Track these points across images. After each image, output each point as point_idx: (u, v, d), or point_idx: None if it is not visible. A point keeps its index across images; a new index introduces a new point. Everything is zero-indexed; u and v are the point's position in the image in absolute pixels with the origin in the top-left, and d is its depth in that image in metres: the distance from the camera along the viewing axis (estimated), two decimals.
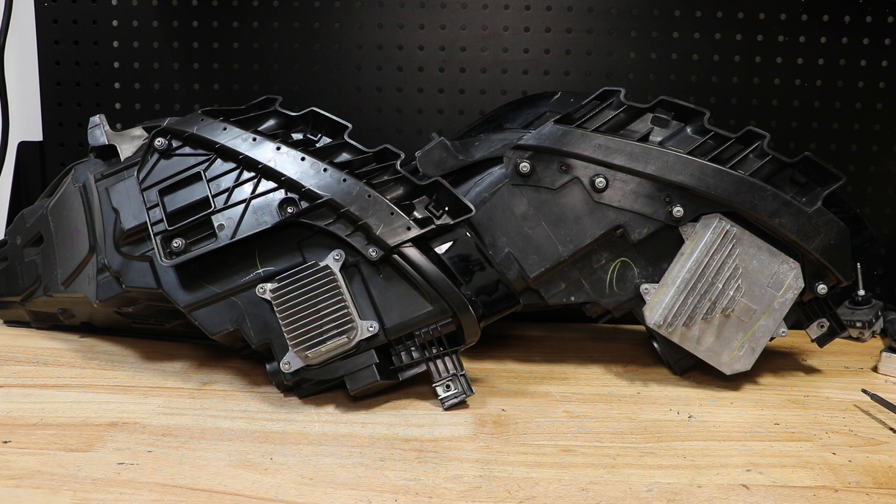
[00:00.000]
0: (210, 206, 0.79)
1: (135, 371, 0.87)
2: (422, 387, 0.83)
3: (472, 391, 0.80)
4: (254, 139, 0.81)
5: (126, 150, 0.89)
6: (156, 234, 0.79)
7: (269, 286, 0.78)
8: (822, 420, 0.78)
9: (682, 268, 0.83)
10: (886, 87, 1.07)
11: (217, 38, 1.10)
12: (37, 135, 1.15)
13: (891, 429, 0.76)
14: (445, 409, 0.78)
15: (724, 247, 0.83)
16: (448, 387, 0.79)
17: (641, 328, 1.04)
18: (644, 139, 0.84)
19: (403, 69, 1.09)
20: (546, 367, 0.92)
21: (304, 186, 0.79)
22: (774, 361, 0.93)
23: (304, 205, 0.79)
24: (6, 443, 0.68)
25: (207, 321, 0.80)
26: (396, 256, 0.78)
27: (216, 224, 0.79)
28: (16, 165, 1.14)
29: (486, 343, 0.92)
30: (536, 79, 1.09)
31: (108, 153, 0.90)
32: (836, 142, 1.08)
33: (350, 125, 0.85)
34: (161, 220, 0.79)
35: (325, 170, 0.80)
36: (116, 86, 1.12)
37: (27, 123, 1.16)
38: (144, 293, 0.82)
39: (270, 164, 0.80)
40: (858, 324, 1.01)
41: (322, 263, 0.79)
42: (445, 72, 1.09)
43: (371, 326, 0.78)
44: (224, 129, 0.81)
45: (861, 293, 1.03)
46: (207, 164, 0.81)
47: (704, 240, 0.83)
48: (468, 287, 0.80)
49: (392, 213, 0.78)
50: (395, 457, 0.68)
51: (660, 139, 0.85)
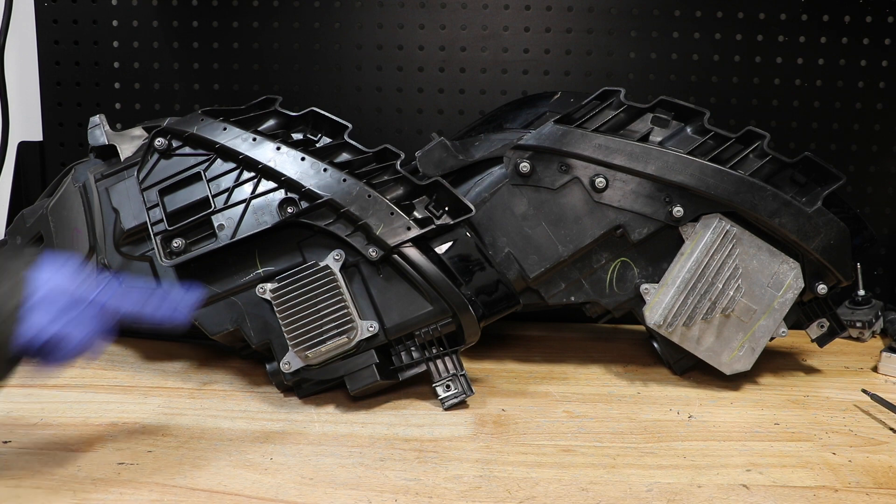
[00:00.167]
0: (210, 206, 0.79)
1: (135, 371, 0.87)
2: (422, 387, 0.83)
3: (472, 391, 0.80)
4: (254, 139, 0.81)
5: (126, 150, 0.89)
6: (156, 234, 0.79)
7: (269, 286, 0.78)
8: (822, 420, 0.78)
9: (682, 268, 0.83)
10: (886, 87, 1.07)
11: (217, 38, 1.10)
12: (37, 135, 1.15)
13: (891, 429, 0.76)
14: (445, 409, 0.78)
15: (724, 247, 0.83)
16: (448, 387, 0.79)
17: (641, 328, 1.04)
18: (644, 139, 0.84)
19: (403, 69, 1.09)
20: (546, 367, 0.92)
21: (304, 186, 0.79)
22: (774, 361, 0.93)
23: (304, 205, 0.79)
24: (6, 443, 0.68)
25: (207, 321, 0.80)
26: (396, 256, 0.78)
27: (216, 224, 0.79)
28: (16, 165, 1.14)
29: (486, 343, 0.92)
30: (536, 79, 1.09)
31: (108, 153, 0.90)
32: (836, 142, 1.08)
33: (350, 125, 0.85)
34: (161, 220, 0.79)
35: (325, 170, 0.80)
36: (116, 86, 1.11)
37: (27, 123, 1.16)
38: None
39: (270, 164, 0.80)
40: (858, 324, 1.01)
41: (322, 263, 0.79)
42: (445, 72, 1.09)
43: (371, 326, 0.78)
44: (224, 129, 0.81)
45: (861, 293, 1.03)
46: (207, 164, 0.81)
47: (704, 240, 0.83)
48: (468, 287, 0.80)
49: (392, 213, 0.78)
50: (395, 457, 0.68)
51: (660, 139, 0.85)
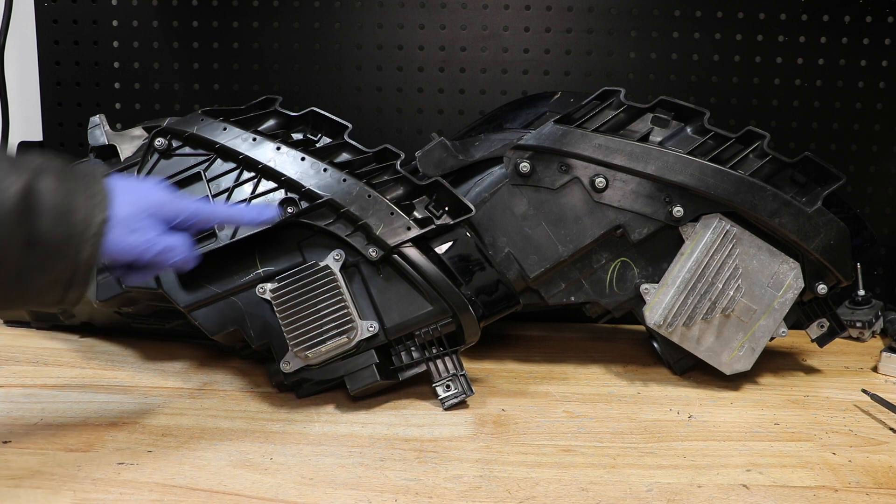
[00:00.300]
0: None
1: (135, 371, 0.87)
2: (422, 387, 0.83)
3: (472, 391, 0.80)
4: (254, 139, 0.81)
5: (126, 150, 0.89)
6: None
7: (269, 286, 0.78)
8: (822, 420, 0.78)
9: (682, 268, 0.83)
10: (886, 87, 1.07)
11: (217, 38, 1.10)
12: (37, 135, 1.14)
13: (891, 429, 0.76)
14: (445, 409, 0.78)
15: (724, 247, 0.83)
16: (448, 387, 0.79)
17: (641, 328, 1.04)
18: (644, 139, 0.84)
19: (403, 69, 1.09)
20: (546, 367, 0.92)
21: (304, 186, 0.79)
22: (774, 361, 0.93)
23: (305, 205, 0.79)
24: (6, 443, 0.68)
25: (207, 321, 0.80)
26: (396, 256, 0.78)
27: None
28: None
29: (486, 343, 0.92)
30: (536, 79, 1.09)
31: (108, 153, 0.90)
32: (836, 142, 1.08)
33: (350, 125, 0.85)
34: None
35: (325, 170, 0.80)
36: (116, 86, 1.11)
37: (27, 123, 1.16)
38: (144, 293, 0.82)
39: (270, 164, 0.80)
40: (858, 324, 1.01)
41: (322, 263, 0.79)
42: (445, 72, 1.09)
43: (371, 326, 0.78)
44: (224, 129, 0.81)
45: (861, 293, 1.03)
46: (207, 164, 0.81)
47: (704, 240, 0.83)
48: (468, 287, 0.80)
49: (392, 213, 0.78)
50: (395, 457, 0.68)
51: (660, 139, 0.85)
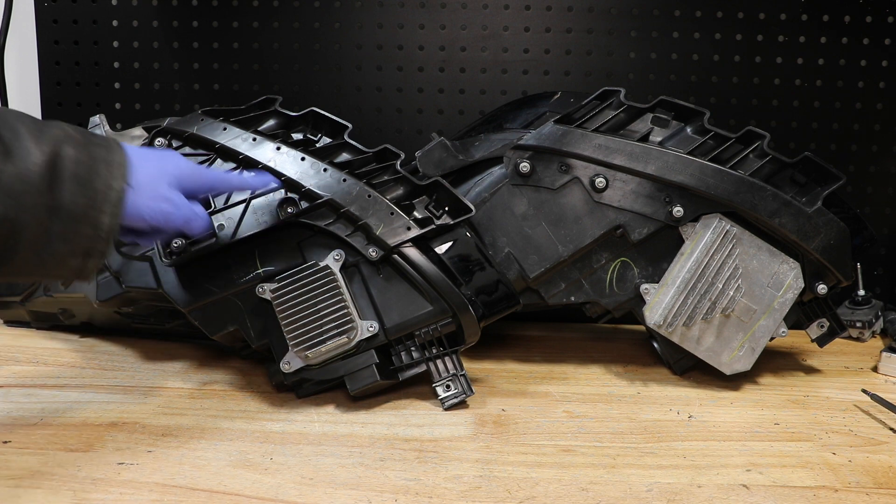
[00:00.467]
0: (210, 206, 0.79)
1: (135, 371, 0.87)
2: (422, 387, 0.83)
3: (472, 391, 0.79)
4: (254, 139, 0.81)
5: None
6: None
7: (269, 286, 0.78)
8: (822, 420, 0.78)
9: (682, 268, 0.83)
10: (886, 87, 1.07)
11: (217, 38, 1.10)
12: None
13: (891, 429, 0.76)
14: (445, 409, 0.78)
15: (724, 247, 0.83)
16: (448, 387, 0.79)
17: (641, 328, 1.04)
18: (644, 139, 0.84)
19: (403, 69, 1.09)
20: (546, 367, 0.92)
21: (305, 186, 0.79)
22: (774, 361, 0.93)
23: (305, 205, 0.79)
24: (6, 443, 0.68)
25: (207, 321, 0.80)
26: (396, 256, 0.78)
27: (216, 224, 0.78)
28: None
29: (486, 343, 0.92)
30: (536, 79, 1.09)
31: None
32: (836, 142, 1.08)
33: (350, 125, 0.85)
34: None
35: (325, 170, 0.80)
36: (116, 86, 1.11)
37: None
38: (144, 293, 0.82)
39: (270, 164, 0.80)
40: (858, 324, 1.01)
41: (322, 263, 0.79)
42: (445, 72, 1.09)
43: (371, 326, 0.78)
44: (224, 129, 0.81)
45: (861, 293, 1.03)
46: (207, 164, 0.81)
47: (704, 240, 0.83)
48: (468, 287, 0.80)
49: (392, 213, 0.78)
50: (395, 457, 0.68)
51: (660, 139, 0.85)
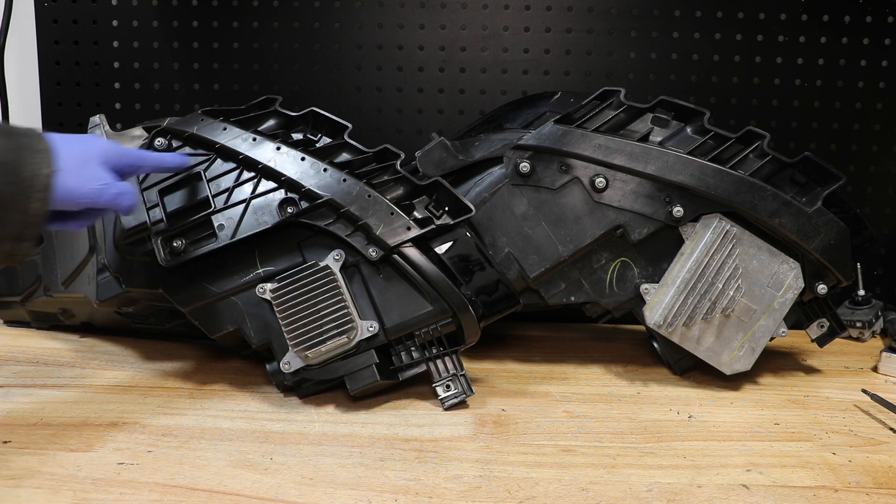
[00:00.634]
0: (210, 206, 0.79)
1: (135, 371, 0.87)
2: (422, 387, 0.83)
3: (472, 391, 0.79)
4: (254, 139, 0.81)
5: None
6: (156, 235, 0.79)
7: (269, 286, 0.78)
8: (822, 420, 0.78)
9: (682, 268, 0.83)
10: (886, 87, 1.07)
11: (217, 38, 1.10)
12: None
13: (891, 429, 0.76)
14: (445, 409, 0.78)
15: (724, 247, 0.83)
16: (448, 387, 0.79)
17: (641, 328, 1.04)
18: (644, 139, 0.84)
19: (403, 69, 1.09)
20: (546, 367, 0.92)
21: (304, 186, 0.79)
22: (774, 361, 0.93)
23: (304, 205, 0.79)
24: (6, 443, 0.68)
25: (207, 321, 0.80)
26: (396, 256, 0.78)
27: (216, 224, 0.78)
28: None
29: (486, 343, 0.92)
30: (536, 79, 1.09)
31: None
32: (836, 142, 1.08)
33: (350, 125, 0.85)
34: (161, 220, 0.79)
35: (325, 170, 0.80)
36: (116, 86, 1.11)
37: (27, 123, 1.16)
38: (144, 293, 0.82)
39: (270, 164, 0.80)
40: (858, 324, 1.01)
41: (322, 263, 0.79)
42: (445, 72, 1.09)
43: (371, 326, 0.78)
44: (224, 129, 0.81)
45: (861, 293, 1.03)
46: (207, 164, 0.81)
47: (704, 240, 0.83)
48: (468, 287, 0.80)
49: (392, 213, 0.78)
50: (395, 457, 0.68)
51: (660, 139, 0.85)
